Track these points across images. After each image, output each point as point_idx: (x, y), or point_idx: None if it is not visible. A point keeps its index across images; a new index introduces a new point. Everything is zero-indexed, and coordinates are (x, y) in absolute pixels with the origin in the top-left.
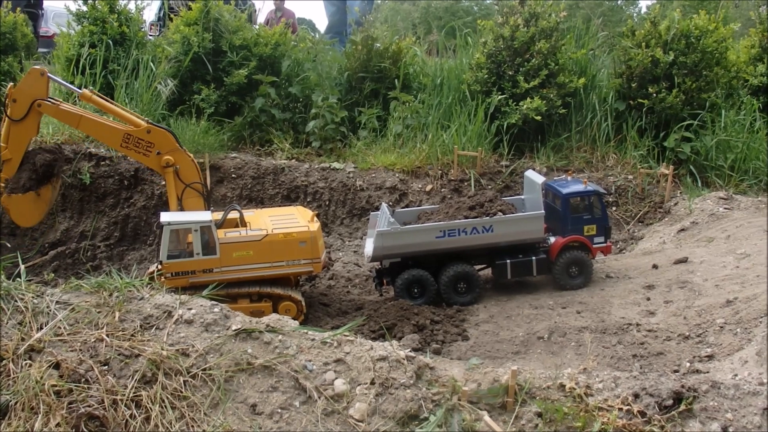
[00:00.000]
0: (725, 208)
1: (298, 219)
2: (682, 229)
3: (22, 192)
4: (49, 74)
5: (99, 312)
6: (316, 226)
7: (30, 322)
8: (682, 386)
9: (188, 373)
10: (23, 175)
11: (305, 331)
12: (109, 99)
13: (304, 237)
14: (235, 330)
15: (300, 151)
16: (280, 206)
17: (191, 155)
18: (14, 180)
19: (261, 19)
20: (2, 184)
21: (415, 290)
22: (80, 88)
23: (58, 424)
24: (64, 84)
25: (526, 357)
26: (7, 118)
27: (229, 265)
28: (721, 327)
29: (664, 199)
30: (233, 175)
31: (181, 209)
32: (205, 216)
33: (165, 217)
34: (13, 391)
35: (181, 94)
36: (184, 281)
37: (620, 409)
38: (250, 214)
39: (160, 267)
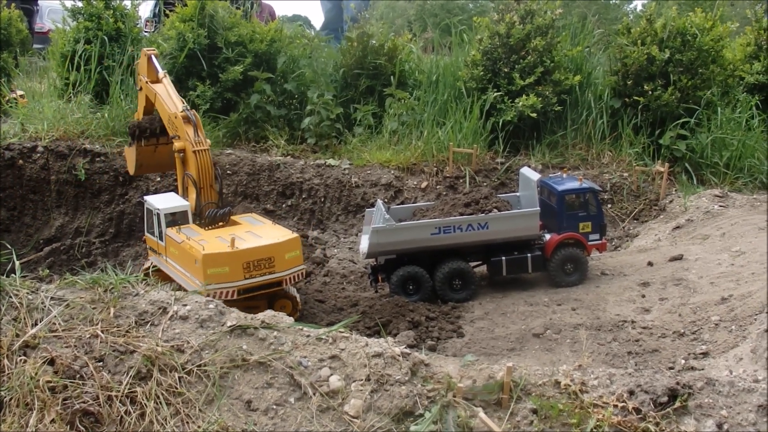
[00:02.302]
0: (720, 206)
1: (259, 241)
2: (678, 227)
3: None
4: (152, 56)
5: (94, 308)
6: (225, 249)
7: (25, 318)
8: (677, 383)
9: (183, 369)
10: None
11: (300, 327)
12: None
13: (198, 257)
14: (230, 326)
15: (295, 148)
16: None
17: (200, 148)
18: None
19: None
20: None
21: (411, 287)
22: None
23: (52, 420)
24: (156, 67)
25: (521, 354)
26: None
27: (167, 257)
28: (716, 324)
29: (659, 196)
30: (228, 172)
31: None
32: (165, 205)
33: (149, 197)
34: (8, 387)
35: (177, 90)
36: (151, 253)
37: (615, 406)
38: (255, 224)
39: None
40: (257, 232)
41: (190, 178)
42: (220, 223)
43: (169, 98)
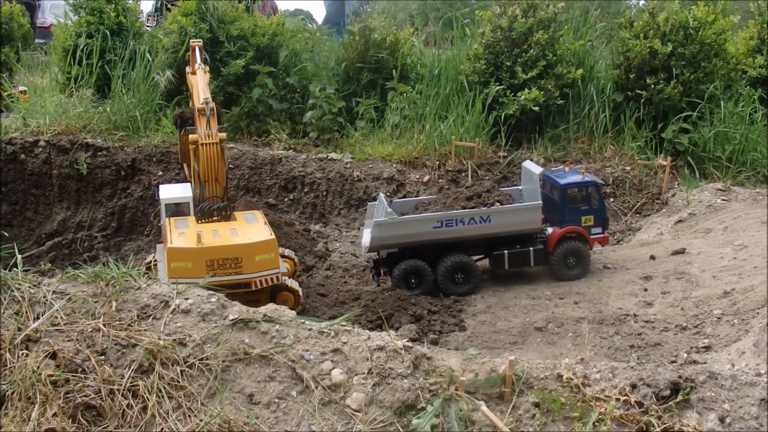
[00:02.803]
0: (723, 200)
1: (229, 240)
2: (680, 221)
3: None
4: (195, 48)
5: (96, 302)
6: (191, 245)
7: (27, 312)
8: (680, 377)
9: (185, 362)
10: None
11: (302, 321)
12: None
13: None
14: (232, 320)
15: (297, 142)
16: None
17: (207, 141)
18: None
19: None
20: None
21: (413, 280)
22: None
23: (54, 414)
24: (196, 58)
25: (523, 347)
26: None
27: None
28: (719, 318)
29: (661, 190)
30: (231, 166)
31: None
32: (168, 195)
33: (162, 186)
34: (10, 380)
35: (178, 85)
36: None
37: (617, 400)
38: (248, 221)
39: None
40: (239, 231)
41: (195, 170)
42: (215, 218)
43: (196, 90)
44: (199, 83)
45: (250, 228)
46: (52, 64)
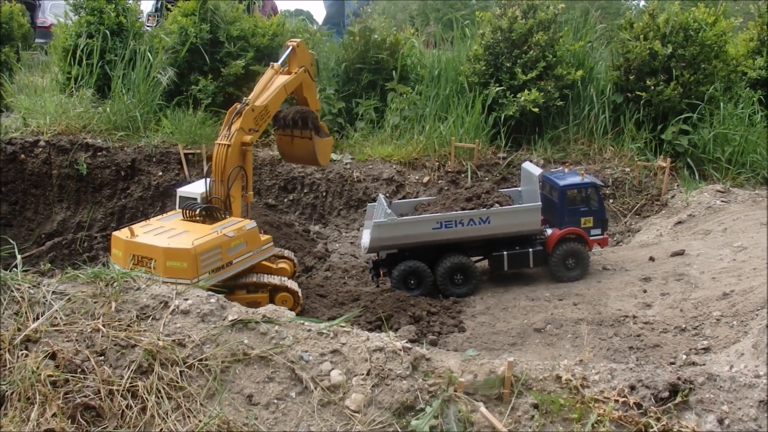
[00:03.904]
0: (722, 201)
1: (152, 239)
2: (679, 222)
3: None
4: (288, 47)
5: (95, 302)
6: (125, 236)
7: (26, 313)
8: (679, 378)
9: (184, 363)
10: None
11: (302, 322)
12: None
13: None
14: (232, 320)
15: None
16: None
17: (219, 142)
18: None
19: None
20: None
21: (412, 281)
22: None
23: (54, 414)
24: (283, 56)
25: (522, 348)
26: None
27: None
28: (718, 319)
29: (661, 191)
30: None
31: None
32: (184, 188)
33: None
34: (9, 381)
35: (179, 85)
36: None
37: (616, 401)
38: (224, 227)
39: None
40: (185, 234)
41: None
42: (197, 218)
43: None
44: (262, 82)
45: (199, 234)
46: (52, 64)
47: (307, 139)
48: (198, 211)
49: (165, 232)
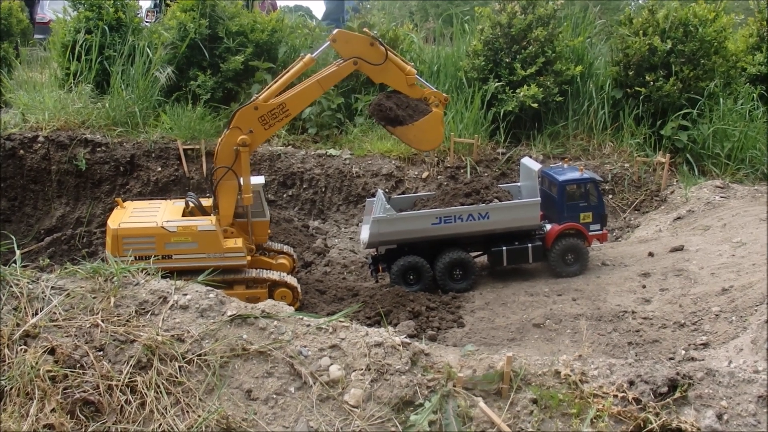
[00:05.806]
0: (721, 197)
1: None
2: (678, 218)
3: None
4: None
5: (94, 297)
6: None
7: (25, 308)
8: (677, 373)
9: (183, 358)
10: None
11: (300, 317)
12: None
13: None
14: (231, 316)
15: (296, 138)
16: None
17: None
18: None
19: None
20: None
21: (411, 277)
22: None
23: (53, 410)
24: (320, 51)
25: (521, 344)
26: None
27: None
28: (717, 315)
29: (660, 187)
30: None
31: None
32: None
33: None
34: (8, 376)
35: (178, 81)
36: None
37: (615, 396)
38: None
39: None
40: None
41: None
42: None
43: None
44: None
45: (142, 219)
46: (51, 59)
47: (403, 128)
48: (191, 203)
49: (142, 211)
